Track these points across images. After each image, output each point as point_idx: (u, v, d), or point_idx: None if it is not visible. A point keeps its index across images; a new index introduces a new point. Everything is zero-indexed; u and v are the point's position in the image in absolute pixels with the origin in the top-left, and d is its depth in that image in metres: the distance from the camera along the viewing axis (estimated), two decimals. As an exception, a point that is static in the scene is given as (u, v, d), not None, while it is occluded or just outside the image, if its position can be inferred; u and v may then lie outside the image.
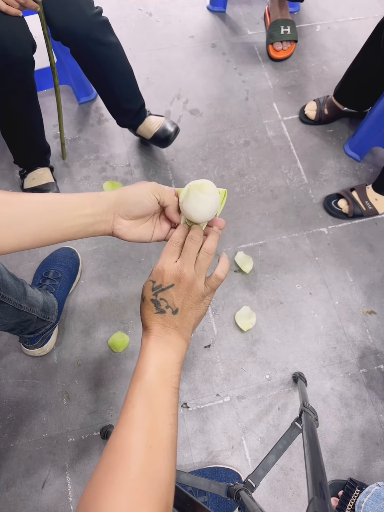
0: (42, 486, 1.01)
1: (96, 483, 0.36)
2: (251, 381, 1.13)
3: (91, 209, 0.48)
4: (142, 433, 0.38)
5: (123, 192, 0.49)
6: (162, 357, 0.43)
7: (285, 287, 1.25)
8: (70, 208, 0.47)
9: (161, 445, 0.38)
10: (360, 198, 1.32)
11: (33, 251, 1.27)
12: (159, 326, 0.45)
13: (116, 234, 0.50)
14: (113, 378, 1.12)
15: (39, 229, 0.46)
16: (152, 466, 0.37)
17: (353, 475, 1.03)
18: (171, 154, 1.44)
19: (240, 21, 1.73)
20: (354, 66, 1.34)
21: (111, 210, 0.49)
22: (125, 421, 0.39)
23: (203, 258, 0.48)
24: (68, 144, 1.45)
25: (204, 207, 0.49)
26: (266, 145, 1.47)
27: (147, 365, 0.43)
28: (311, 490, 0.57)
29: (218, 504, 0.96)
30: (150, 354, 0.44)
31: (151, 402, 0.40)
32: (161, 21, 1.71)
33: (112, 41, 1.10)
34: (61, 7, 0.99)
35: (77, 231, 0.48)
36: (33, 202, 0.47)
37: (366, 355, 1.17)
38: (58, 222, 0.47)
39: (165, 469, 0.37)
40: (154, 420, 0.40)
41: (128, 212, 0.49)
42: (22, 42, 0.96)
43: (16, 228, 0.45)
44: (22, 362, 1.13)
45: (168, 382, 0.42)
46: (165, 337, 0.45)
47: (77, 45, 1.06)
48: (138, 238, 0.52)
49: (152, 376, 0.42)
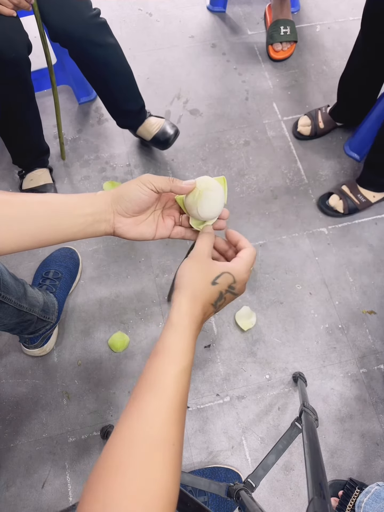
0: (42, 486, 1.01)
1: (100, 478, 0.35)
2: (251, 381, 1.13)
3: (90, 208, 0.47)
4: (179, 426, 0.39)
5: (118, 190, 0.49)
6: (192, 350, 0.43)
7: (285, 287, 1.25)
8: (69, 208, 0.47)
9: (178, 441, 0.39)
10: (352, 193, 1.33)
11: (33, 251, 1.27)
12: (202, 314, 0.45)
13: (118, 233, 0.50)
14: (113, 378, 1.12)
15: (39, 230, 0.46)
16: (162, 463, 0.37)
17: (353, 475, 1.03)
18: (171, 154, 1.44)
19: (240, 21, 1.73)
20: (344, 79, 1.35)
21: (110, 209, 0.48)
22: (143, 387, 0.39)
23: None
24: (68, 144, 1.45)
25: (218, 203, 0.51)
26: (266, 145, 1.47)
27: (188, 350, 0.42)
28: (311, 490, 0.57)
29: (218, 504, 0.96)
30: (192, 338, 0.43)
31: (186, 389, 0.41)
32: (161, 21, 1.71)
33: (110, 43, 1.09)
34: (58, 8, 0.99)
35: (77, 232, 0.48)
36: (33, 202, 0.46)
37: (366, 355, 1.17)
38: (58, 222, 0.47)
39: (172, 467, 0.38)
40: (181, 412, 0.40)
41: (126, 209, 0.49)
42: (16, 42, 0.95)
43: (15, 229, 0.45)
44: (22, 362, 1.13)
45: (184, 369, 0.42)
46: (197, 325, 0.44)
47: (74, 46, 1.06)
48: (140, 236, 0.51)
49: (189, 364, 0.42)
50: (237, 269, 0.48)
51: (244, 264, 0.48)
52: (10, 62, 0.96)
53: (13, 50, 0.95)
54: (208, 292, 0.45)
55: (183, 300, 0.44)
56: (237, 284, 0.47)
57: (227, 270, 0.47)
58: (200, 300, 0.45)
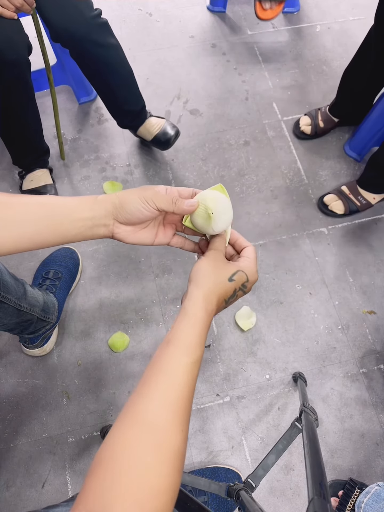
0: (42, 486, 1.01)
1: (103, 478, 0.35)
2: (251, 381, 1.13)
3: (90, 212, 0.47)
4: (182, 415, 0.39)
5: (120, 198, 0.48)
6: (203, 343, 0.44)
7: (285, 287, 1.25)
8: (69, 211, 0.47)
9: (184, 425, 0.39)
10: (352, 194, 1.33)
11: (33, 251, 1.27)
12: (215, 309, 0.46)
13: (116, 238, 0.50)
14: (113, 378, 1.12)
15: (37, 231, 0.46)
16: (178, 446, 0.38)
17: (353, 475, 1.03)
18: (171, 154, 1.44)
19: (240, 21, 1.73)
20: (346, 78, 1.34)
21: (109, 215, 0.48)
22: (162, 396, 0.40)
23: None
24: (68, 144, 1.45)
25: (227, 212, 0.50)
26: (266, 145, 1.47)
27: (201, 343, 0.43)
28: (311, 490, 0.57)
29: (218, 504, 0.96)
30: (205, 332, 0.44)
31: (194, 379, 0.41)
32: (161, 21, 1.71)
33: (112, 43, 1.10)
34: (59, 9, 0.99)
35: (75, 235, 0.48)
36: (32, 204, 0.46)
37: (366, 355, 1.17)
38: (56, 225, 0.46)
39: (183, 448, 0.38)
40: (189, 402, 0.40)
41: (126, 220, 0.48)
42: (16, 44, 0.96)
43: (14, 231, 0.45)
44: (22, 362, 1.13)
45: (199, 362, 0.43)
46: (209, 318, 0.45)
47: (75, 47, 1.06)
48: (138, 242, 0.52)
49: (200, 356, 0.43)
50: (250, 267, 0.49)
51: (254, 264, 0.50)
52: (11, 63, 0.96)
53: (13, 51, 0.95)
54: (224, 288, 0.47)
55: (200, 293, 0.45)
56: (249, 283, 0.49)
57: (242, 269, 0.49)
58: (216, 295, 0.46)
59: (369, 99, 1.35)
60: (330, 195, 1.34)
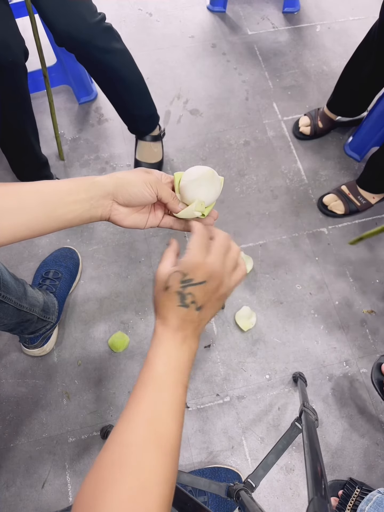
0: (42, 486, 1.01)
1: (96, 480, 0.35)
2: (251, 381, 1.13)
3: (86, 194, 0.47)
4: (148, 429, 0.38)
5: (122, 179, 0.48)
6: (177, 353, 0.42)
7: (285, 287, 1.25)
8: (63, 194, 0.46)
9: (166, 442, 0.38)
10: (352, 194, 1.33)
11: (33, 251, 1.27)
12: (179, 320, 0.43)
13: (113, 220, 0.50)
14: (113, 378, 1.12)
15: (33, 219, 0.45)
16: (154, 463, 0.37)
17: (353, 475, 1.03)
18: (171, 154, 1.44)
19: (240, 21, 1.73)
20: (346, 73, 1.34)
21: (108, 196, 0.48)
22: (131, 415, 0.39)
23: (233, 257, 0.48)
24: (68, 144, 1.45)
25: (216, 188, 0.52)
26: (266, 145, 1.47)
27: (161, 357, 0.42)
28: (311, 490, 0.57)
29: (218, 504, 0.96)
30: (167, 347, 0.42)
31: (162, 397, 0.40)
32: (161, 21, 1.71)
33: (117, 48, 1.07)
34: (62, 13, 0.97)
35: (73, 218, 0.47)
36: (25, 192, 0.46)
37: (366, 355, 1.17)
38: (52, 210, 0.46)
39: (168, 467, 0.37)
40: (162, 416, 0.39)
41: (127, 202, 0.49)
42: (12, 47, 0.93)
43: (10, 220, 0.44)
44: (22, 362, 1.13)
45: (180, 380, 0.41)
46: (182, 332, 0.43)
47: (80, 52, 1.04)
48: (133, 225, 0.52)
49: (166, 370, 0.41)
50: (184, 261, 0.45)
51: (193, 254, 0.45)
52: (7, 67, 0.93)
53: (9, 54, 0.92)
54: (165, 300, 0.44)
55: (156, 324, 0.45)
56: (192, 274, 0.44)
57: (172, 270, 0.45)
58: (163, 313, 0.44)
59: (368, 97, 1.35)
60: (330, 195, 1.34)
